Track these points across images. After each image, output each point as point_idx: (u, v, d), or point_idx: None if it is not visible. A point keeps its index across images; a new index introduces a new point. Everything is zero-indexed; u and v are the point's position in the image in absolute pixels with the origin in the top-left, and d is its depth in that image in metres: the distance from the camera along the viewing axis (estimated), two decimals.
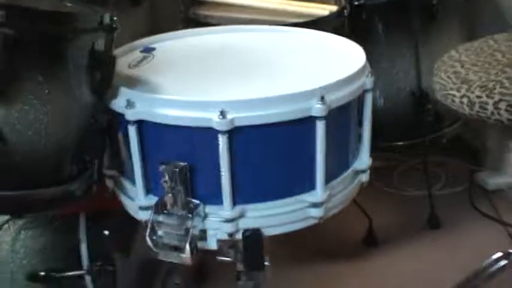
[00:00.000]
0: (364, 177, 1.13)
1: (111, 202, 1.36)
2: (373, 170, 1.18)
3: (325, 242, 1.92)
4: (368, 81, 1.06)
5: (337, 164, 1.06)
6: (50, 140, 0.92)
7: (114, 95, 1.01)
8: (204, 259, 1.72)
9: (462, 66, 1.31)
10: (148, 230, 0.99)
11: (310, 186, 1.02)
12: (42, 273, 1.26)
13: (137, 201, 1.03)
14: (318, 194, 1.02)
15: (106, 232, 1.34)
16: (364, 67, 1.07)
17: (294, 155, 1.00)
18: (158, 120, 0.96)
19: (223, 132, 0.93)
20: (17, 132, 0.89)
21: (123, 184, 1.10)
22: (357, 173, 1.11)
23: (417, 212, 1.98)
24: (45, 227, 1.31)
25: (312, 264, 1.80)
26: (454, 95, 1.26)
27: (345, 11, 1.61)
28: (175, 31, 1.32)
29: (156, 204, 1.00)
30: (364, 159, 1.12)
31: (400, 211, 2.06)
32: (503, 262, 1.50)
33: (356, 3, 1.68)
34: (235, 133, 0.94)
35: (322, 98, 0.96)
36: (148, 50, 1.21)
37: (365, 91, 1.07)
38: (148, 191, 1.03)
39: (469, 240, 1.87)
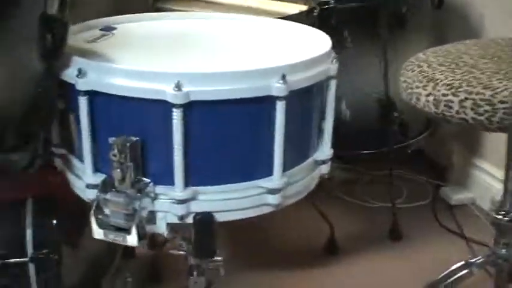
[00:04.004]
0: (324, 169, 1.09)
1: (62, 189, 1.30)
2: (337, 180, 1.15)
3: (286, 247, 1.89)
4: (332, 67, 1.03)
5: (297, 151, 1.02)
6: None
7: (66, 65, 0.96)
8: (156, 256, 1.68)
9: (429, 66, 1.28)
10: (93, 208, 0.94)
11: (268, 172, 0.97)
12: None
13: (85, 178, 0.98)
14: (275, 180, 0.97)
15: (54, 221, 1.27)
16: (329, 53, 1.04)
17: (252, 136, 0.96)
18: (110, 91, 0.91)
19: (178, 106, 0.89)
20: None
21: (72, 162, 1.04)
22: (317, 163, 1.08)
23: (379, 224, 1.96)
24: None
25: (269, 268, 1.77)
26: (419, 93, 1.23)
27: (315, 11, 1.59)
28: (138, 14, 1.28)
29: (104, 181, 0.95)
30: (325, 150, 1.08)
31: (362, 222, 2.03)
32: (464, 271, 1.47)
33: (325, 6, 1.66)
34: (191, 108, 0.90)
35: (284, 77, 0.92)
36: (108, 29, 1.17)
37: (329, 78, 1.03)
38: (97, 168, 0.98)
39: (430, 254, 1.85)
